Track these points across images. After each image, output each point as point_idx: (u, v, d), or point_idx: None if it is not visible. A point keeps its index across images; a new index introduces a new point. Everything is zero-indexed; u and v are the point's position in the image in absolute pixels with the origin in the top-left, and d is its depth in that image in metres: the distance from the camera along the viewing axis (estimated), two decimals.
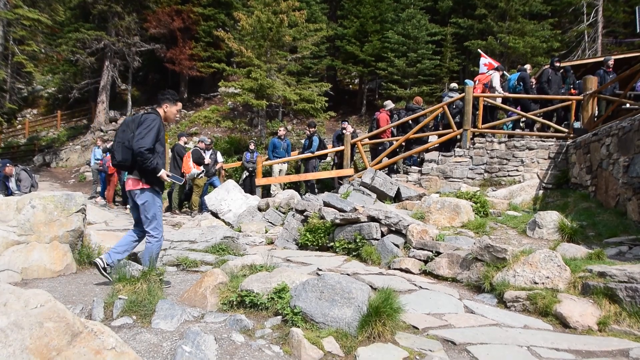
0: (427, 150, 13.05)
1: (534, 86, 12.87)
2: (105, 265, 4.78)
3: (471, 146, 12.02)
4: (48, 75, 32.69)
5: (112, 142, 15.37)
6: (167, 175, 4.92)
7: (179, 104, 5.26)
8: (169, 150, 15.57)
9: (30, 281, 4.94)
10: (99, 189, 16.02)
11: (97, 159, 16.09)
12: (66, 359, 2.45)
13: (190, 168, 12.94)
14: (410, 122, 13.31)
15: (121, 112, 29.70)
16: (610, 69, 12.02)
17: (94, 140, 22.22)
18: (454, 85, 14.50)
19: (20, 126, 32.45)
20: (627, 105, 10.74)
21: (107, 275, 4.72)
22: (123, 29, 26.71)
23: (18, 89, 27.35)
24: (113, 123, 28.38)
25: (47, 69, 31.15)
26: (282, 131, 15.60)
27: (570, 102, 11.63)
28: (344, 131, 14.05)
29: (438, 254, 5.88)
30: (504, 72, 14.17)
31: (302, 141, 15.29)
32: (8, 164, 12.39)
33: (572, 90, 12.78)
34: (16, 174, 12.26)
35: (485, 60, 15.54)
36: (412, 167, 12.97)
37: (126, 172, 5.14)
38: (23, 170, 12.39)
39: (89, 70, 28.06)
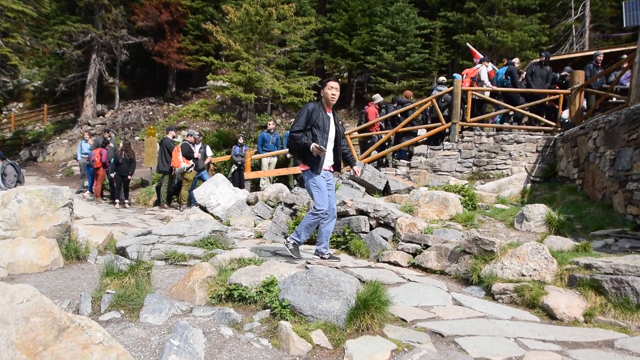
0: (416, 144, 13.09)
1: (521, 80, 12.94)
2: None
3: (460, 140, 12.07)
4: (34, 68, 32.29)
5: (101, 137, 15.27)
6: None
7: (328, 84, 5.55)
8: (157, 144, 15.51)
9: (17, 276, 4.89)
10: (86, 183, 15.89)
11: (84, 153, 15.95)
12: (53, 354, 2.43)
13: (180, 162, 12.88)
14: (399, 115, 13.33)
15: (108, 105, 29.44)
16: (600, 64, 12.10)
17: (81, 134, 21.98)
18: (442, 78, 14.54)
19: (5, 120, 32.05)
20: (614, 99, 10.83)
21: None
22: (110, 21, 26.43)
23: (3, 82, 26.93)
24: (100, 117, 28.14)
25: (33, 62, 30.74)
26: (271, 125, 15.56)
27: (558, 96, 11.71)
28: None
29: (426, 246, 5.91)
30: (490, 63, 14.22)
31: (286, 134, 15.24)
32: None
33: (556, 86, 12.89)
34: (2, 167, 12.01)
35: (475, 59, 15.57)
36: (401, 160, 13.00)
37: (114, 167, 5.12)
38: (10, 165, 12.14)
39: (75, 63, 27.73)
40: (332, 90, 5.49)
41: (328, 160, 5.62)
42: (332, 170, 5.76)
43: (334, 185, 5.79)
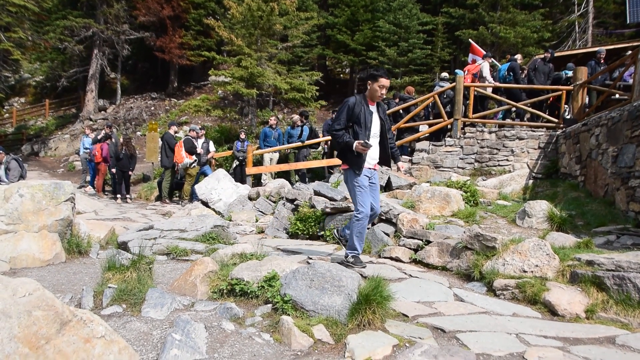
0: (418, 140, 13.07)
1: (524, 76, 12.90)
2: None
3: (462, 136, 12.05)
4: (36, 63, 32.25)
5: (102, 132, 15.27)
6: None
7: (381, 80, 4.99)
8: (159, 139, 15.51)
9: (19, 270, 4.90)
10: (88, 178, 15.89)
11: (86, 148, 15.95)
12: (55, 348, 2.44)
13: (183, 158, 12.87)
14: (401, 111, 13.31)
15: (110, 101, 29.46)
16: (602, 60, 12.06)
17: (82, 129, 21.99)
18: (445, 74, 14.50)
19: (7, 115, 32.08)
20: (617, 95, 10.79)
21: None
22: (112, 16, 26.41)
23: (5, 77, 26.96)
24: (102, 112, 28.14)
25: (35, 57, 30.72)
26: (273, 120, 15.54)
27: (560, 92, 11.68)
28: None
29: (428, 242, 5.91)
30: (493, 60, 14.18)
31: (289, 129, 15.21)
32: (0, 151, 12.15)
33: None
34: (6, 162, 12.03)
35: (474, 56, 15.51)
36: (403, 156, 12.98)
37: (114, 162, 5.10)
38: (14, 160, 12.15)
39: (77, 58, 27.74)
40: (383, 89, 5.01)
41: (371, 157, 5.16)
42: (376, 168, 5.33)
43: (378, 185, 5.38)
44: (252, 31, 19.81)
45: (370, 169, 5.18)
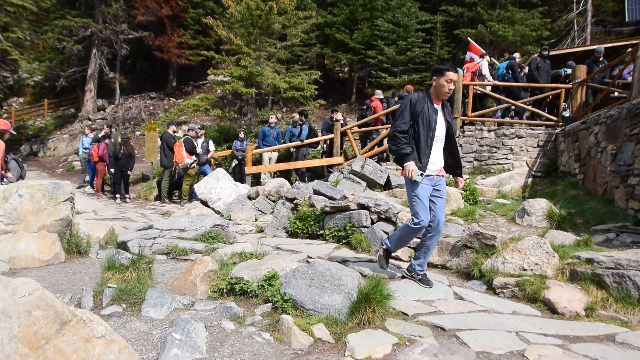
0: None
1: (523, 74, 12.90)
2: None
3: (461, 134, 12.05)
4: (34, 63, 32.21)
5: (102, 132, 15.25)
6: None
7: (448, 74, 4.44)
8: (158, 139, 15.50)
9: (19, 270, 4.89)
10: (87, 178, 15.88)
11: (85, 148, 15.94)
12: (55, 347, 2.44)
13: (184, 158, 12.84)
14: None
15: (109, 100, 29.43)
16: (601, 58, 12.06)
17: (81, 129, 21.99)
18: None
19: (6, 115, 31.98)
20: (616, 93, 10.80)
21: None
22: (110, 16, 26.38)
23: (3, 77, 26.94)
24: (101, 112, 28.12)
25: (33, 56, 30.69)
26: (273, 119, 15.55)
27: (559, 91, 11.69)
28: (334, 118, 14.04)
29: None
30: (491, 58, 14.18)
31: (288, 128, 15.21)
32: None
33: None
34: (6, 162, 12.02)
35: (472, 54, 15.51)
36: None
37: (113, 162, 5.05)
38: (13, 160, 12.14)
39: (76, 58, 27.71)
40: (451, 84, 4.46)
41: (434, 163, 4.57)
42: (441, 174, 4.69)
43: (444, 193, 4.71)
44: (251, 30, 19.80)
45: (433, 175, 4.59)
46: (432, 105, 4.53)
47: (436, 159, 4.59)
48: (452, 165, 4.77)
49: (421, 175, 4.36)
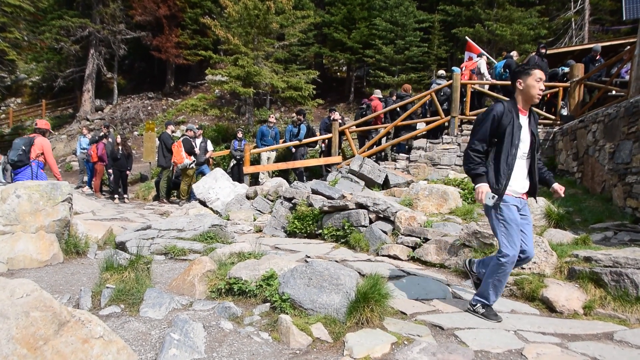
0: (416, 138, 13.08)
1: None
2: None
3: (459, 133, 12.06)
4: (32, 63, 32.12)
5: (99, 132, 15.23)
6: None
7: (535, 72, 3.84)
8: (157, 139, 15.48)
9: (17, 271, 4.89)
10: (85, 178, 15.87)
11: (83, 149, 15.92)
12: (53, 348, 2.44)
13: (183, 158, 12.83)
14: (398, 109, 13.31)
15: (107, 100, 29.38)
16: (598, 57, 12.08)
17: (79, 130, 21.95)
18: (441, 72, 14.52)
19: (4, 116, 31.94)
20: (614, 92, 10.81)
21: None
22: (108, 16, 26.32)
23: (1, 78, 26.91)
24: (99, 112, 28.06)
25: (31, 57, 30.60)
26: (272, 118, 15.55)
27: (557, 89, 11.70)
28: (332, 118, 14.04)
29: (426, 240, 5.91)
30: (489, 56, 14.19)
31: (288, 127, 15.19)
32: None
33: None
34: (3, 163, 12.01)
35: (470, 54, 15.52)
36: (400, 154, 13.00)
37: (111, 162, 5.04)
38: None
39: (73, 58, 27.65)
40: (540, 83, 3.82)
41: (517, 181, 3.86)
42: (525, 197, 3.99)
43: (530, 218, 4.03)
44: (249, 30, 19.78)
45: (518, 197, 3.90)
46: (518, 117, 3.84)
47: (520, 176, 3.89)
48: (534, 185, 3.98)
49: (493, 197, 3.72)
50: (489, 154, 3.87)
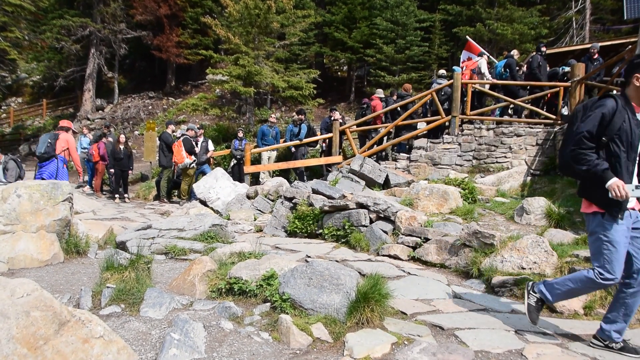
0: (416, 137, 13.07)
1: (521, 73, 12.89)
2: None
3: (459, 133, 12.05)
4: (32, 63, 32.15)
5: (99, 131, 15.24)
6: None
7: None
8: (157, 138, 15.48)
9: (17, 271, 4.89)
10: (86, 177, 15.87)
11: (84, 148, 15.92)
12: (53, 348, 2.44)
13: (184, 158, 12.81)
14: (399, 109, 13.30)
15: (108, 100, 29.40)
16: (596, 55, 12.05)
17: (80, 129, 21.95)
18: (442, 72, 14.50)
19: (4, 115, 31.99)
20: (614, 91, 10.79)
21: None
22: (109, 15, 26.34)
23: (2, 77, 26.93)
24: (100, 111, 28.09)
25: (32, 56, 30.63)
26: (273, 118, 15.54)
27: (558, 89, 11.68)
28: (333, 117, 14.04)
29: (426, 240, 5.91)
30: (489, 56, 14.18)
31: (289, 127, 15.18)
32: None
33: None
34: (4, 162, 12.01)
35: (469, 53, 15.50)
36: (401, 154, 12.99)
37: (112, 162, 5.04)
38: (12, 160, 12.13)
39: (74, 57, 27.67)
40: None
41: (633, 190, 3.26)
42: (636, 208, 3.42)
43: None
44: (250, 29, 19.77)
45: (630, 210, 3.36)
46: (634, 116, 3.33)
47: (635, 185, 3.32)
48: None
49: (637, 188, 3.21)
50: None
